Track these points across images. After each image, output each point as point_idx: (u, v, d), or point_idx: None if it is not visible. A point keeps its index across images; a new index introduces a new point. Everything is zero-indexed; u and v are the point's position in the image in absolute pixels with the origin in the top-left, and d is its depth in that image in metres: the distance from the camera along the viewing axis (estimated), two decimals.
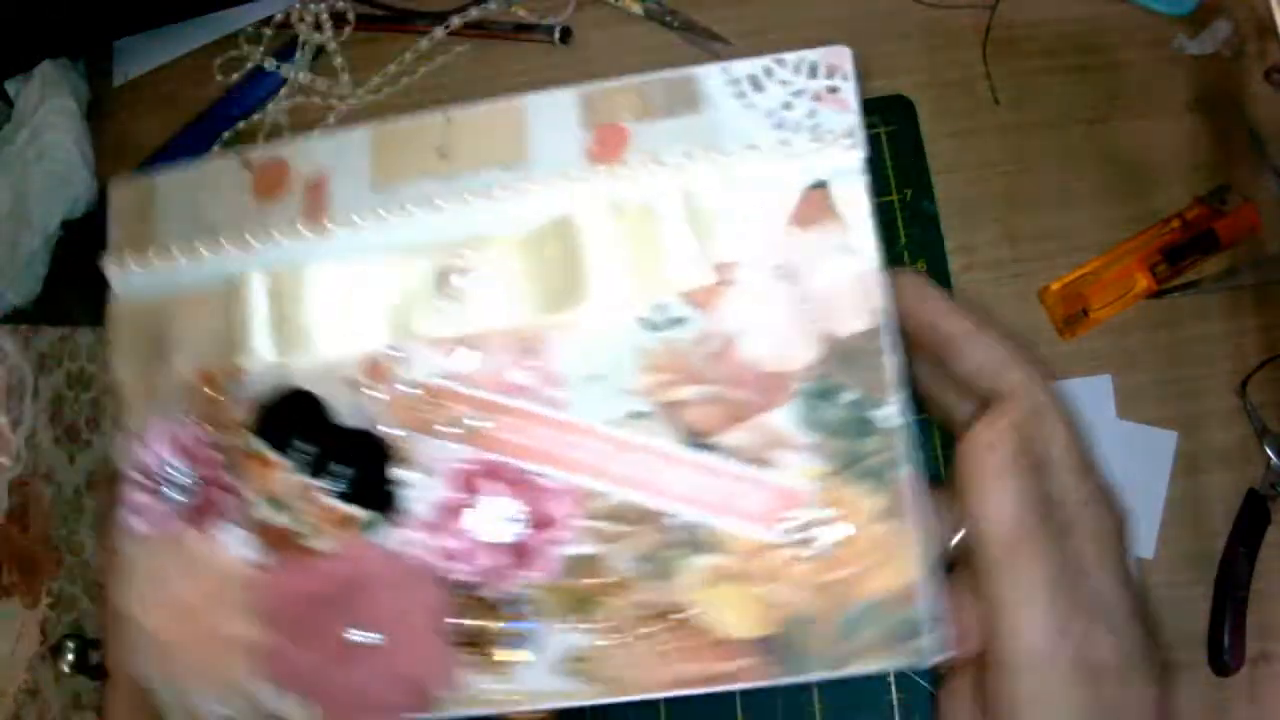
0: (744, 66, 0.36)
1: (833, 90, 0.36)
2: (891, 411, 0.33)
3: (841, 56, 0.36)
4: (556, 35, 0.57)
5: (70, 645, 0.46)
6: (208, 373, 0.38)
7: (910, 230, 0.50)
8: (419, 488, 0.36)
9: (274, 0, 0.61)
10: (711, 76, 0.36)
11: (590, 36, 0.57)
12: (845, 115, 0.35)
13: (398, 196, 0.38)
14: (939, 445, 0.49)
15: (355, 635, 0.36)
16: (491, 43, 0.58)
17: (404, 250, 0.38)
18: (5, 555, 0.45)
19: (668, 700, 0.51)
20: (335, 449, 0.38)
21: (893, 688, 0.48)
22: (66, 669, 0.46)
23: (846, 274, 0.34)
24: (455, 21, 0.58)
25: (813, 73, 0.36)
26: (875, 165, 0.50)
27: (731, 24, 0.55)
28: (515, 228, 0.37)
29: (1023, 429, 0.30)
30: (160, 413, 0.38)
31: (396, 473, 0.37)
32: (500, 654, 0.36)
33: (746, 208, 0.36)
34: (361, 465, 0.37)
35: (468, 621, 0.35)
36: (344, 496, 0.37)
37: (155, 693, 0.38)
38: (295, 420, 0.38)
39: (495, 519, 0.36)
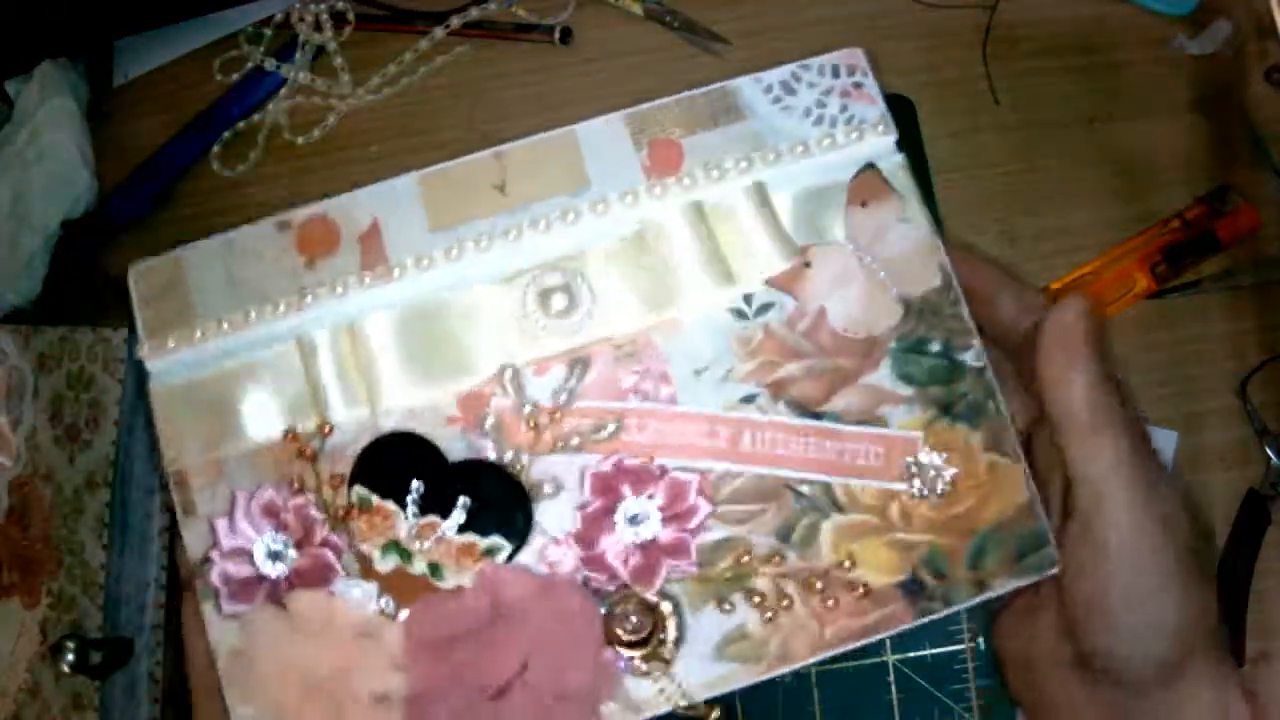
0: (773, 75, 0.39)
1: (857, 86, 0.39)
2: (975, 352, 0.36)
3: (855, 56, 0.39)
4: (556, 35, 0.57)
5: (70, 645, 0.46)
6: (293, 435, 0.38)
7: None
8: (547, 504, 0.37)
9: (274, 0, 0.61)
10: (746, 86, 0.39)
11: (590, 36, 0.57)
12: (874, 106, 0.39)
13: (461, 233, 0.39)
14: None
15: (508, 665, 0.36)
16: (491, 43, 0.58)
17: (490, 279, 0.39)
18: (5, 555, 0.45)
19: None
20: (449, 482, 0.37)
21: (893, 687, 0.48)
22: (66, 669, 0.46)
23: (909, 240, 0.38)
24: (455, 21, 0.58)
25: (835, 73, 0.39)
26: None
27: (732, 24, 0.55)
28: (600, 242, 0.39)
29: (1092, 314, 0.33)
30: (238, 489, 0.38)
31: (523, 493, 0.37)
32: (659, 653, 0.36)
33: (809, 195, 0.39)
34: (481, 493, 0.37)
35: (635, 623, 0.35)
36: (468, 528, 0.37)
37: None
38: (402, 463, 0.37)
39: (631, 520, 0.37)
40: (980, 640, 0.47)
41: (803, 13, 0.55)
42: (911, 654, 0.47)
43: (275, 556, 0.37)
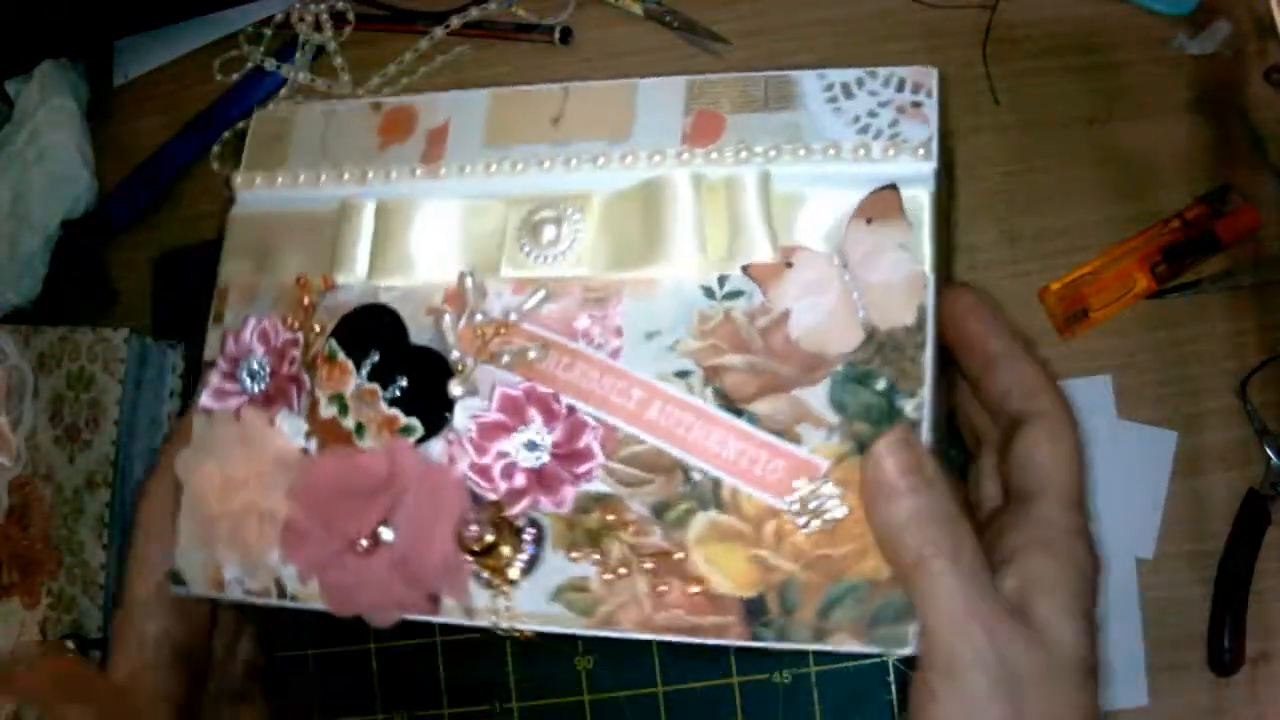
0: (840, 75, 0.39)
1: (916, 105, 0.38)
2: (917, 404, 0.35)
3: (928, 76, 0.39)
4: (556, 35, 0.57)
5: (70, 645, 0.46)
6: (305, 280, 0.42)
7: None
8: (468, 407, 0.39)
9: (274, 0, 0.61)
10: (809, 80, 0.39)
11: (590, 36, 0.57)
12: (924, 128, 0.37)
13: (508, 153, 0.41)
14: None
15: (380, 531, 0.39)
16: (491, 43, 0.58)
17: (503, 199, 0.41)
18: (5, 555, 0.45)
19: (667, 700, 0.51)
20: (400, 361, 0.41)
21: (892, 687, 0.48)
22: None
23: (900, 271, 0.36)
24: (455, 21, 0.58)
25: (900, 87, 0.39)
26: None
27: (732, 24, 0.55)
28: (608, 190, 0.40)
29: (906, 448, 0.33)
30: (255, 312, 0.42)
31: (450, 390, 0.39)
32: (505, 572, 0.37)
33: (820, 199, 0.38)
34: (419, 378, 0.40)
35: (475, 532, 0.37)
36: (397, 403, 0.40)
37: (184, 553, 0.41)
38: (373, 332, 0.41)
39: (527, 444, 0.38)
40: None
41: (803, 13, 0.55)
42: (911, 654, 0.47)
43: (252, 375, 0.42)
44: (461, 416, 0.39)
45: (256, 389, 0.42)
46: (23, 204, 0.58)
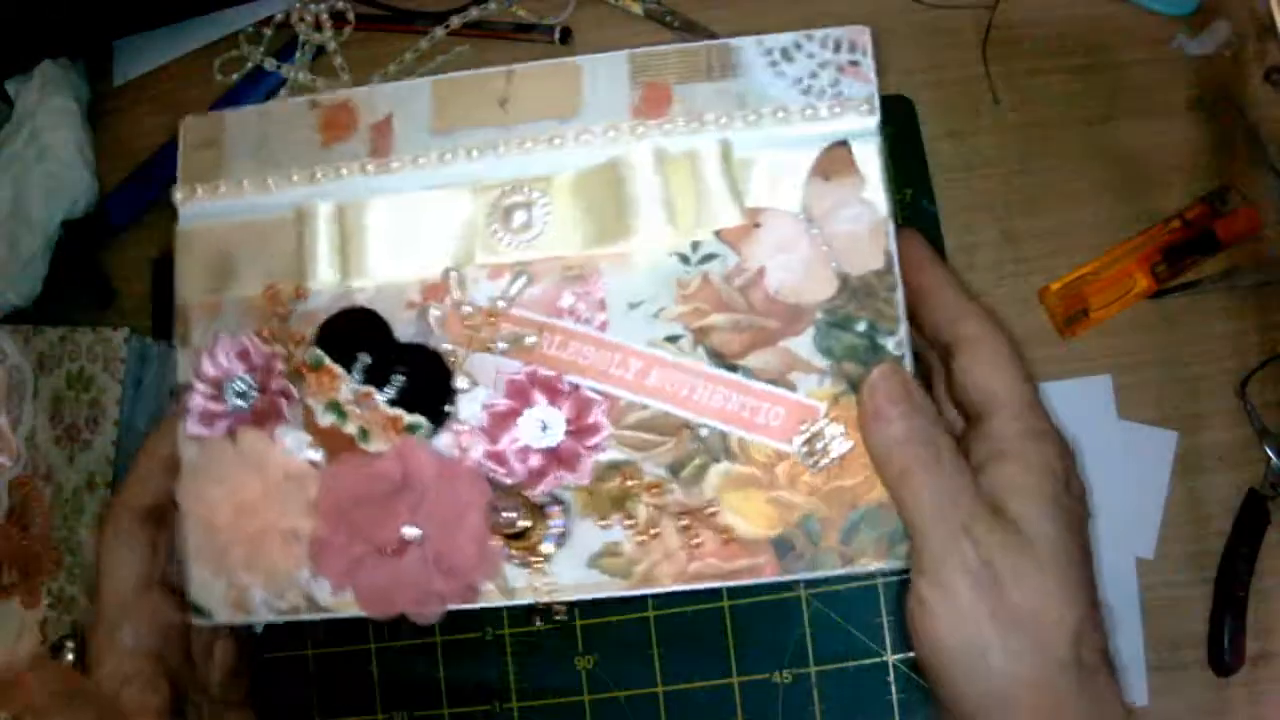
0: (778, 40, 0.41)
1: (854, 63, 0.41)
2: (898, 340, 0.37)
3: (862, 34, 0.41)
4: (556, 35, 0.57)
5: (70, 645, 0.46)
6: (274, 291, 0.42)
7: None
8: (470, 396, 0.40)
9: (274, 0, 0.61)
10: (748, 47, 0.41)
11: (590, 36, 0.57)
12: (865, 85, 0.40)
13: (458, 140, 0.42)
14: None
15: (405, 531, 0.39)
16: (491, 43, 0.58)
17: (468, 186, 0.42)
18: (5, 555, 0.45)
19: (667, 700, 0.51)
20: (392, 360, 0.41)
21: (892, 687, 0.48)
22: None
23: (862, 220, 0.39)
24: (455, 21, 0.58)
25: (837, 48, 0.41)
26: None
27: (731, 24, 0.55)
28: (571, 170, 0.41)
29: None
30: (225, 329, 0.42)
31: (449, 382, 0.40)
32: (538, 549, 0.39)
33: (776, 161, 0.40)
34: (415, 374, 0.41)
35: (510, 518, 0.38)
36: (398, 403, 0.40)
37: (200, 584, 0.41)
38: (357, 334, 0.41)
39: (539, 426, 0.39)
40: None
41: (802, 13, 0.55)
42: (912, 654, 0.47)
43: (240, 395, 0.41)
44: (467, 407, 0.40)
45: (247, 408, 0.41)
46: (23, 204, 0.58)
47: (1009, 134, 0.52)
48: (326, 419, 0.41)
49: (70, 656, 0.46)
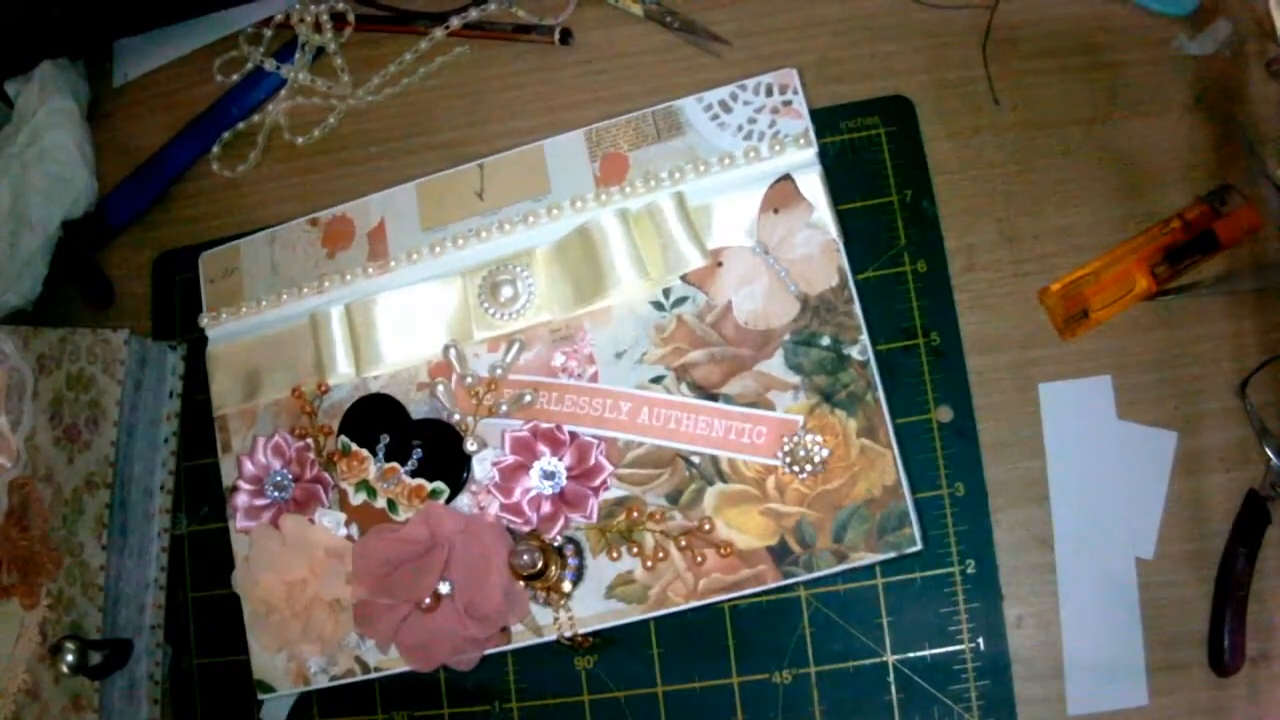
0: (715, 95, 0.46)
1: (787, 103, 0.45)
2: (860, 347, 0.42)
3: (790, 76, 0.45)
4: (556, 35, 0.57)
5: (70, 646, 0.46)
6: (300, 391, 0.48)
7: (910, 230, 0.50)
8: (481, 457, 0.45)
9: (274, 0, 0.61)
10: (689, 105, 0.46)
11: (590, 36, 0.57)
12: (799, 121, 0.45)
13: (445, 233, 0.47)
14: None
15: (440, 587, 0.44)
16: (491, 43, 0.58)
17: (459, 272, 0.47)
18: (5, 556, 0.45)
19: (667, 700, 0.51)
20: (410, 435, 0.46)
21: (892, 687, 0.48)
22: (66, 669, 0.46)
23: (814, 244, 0.43)
24: (455, 22, 0.58)
25: (769, 92, 0.45)
26: (875, 165, 0.52)
27: (731, 24, 0.55)
28: (547, 242, 0.46)
29: None
30: (261, 432, 0.48)
31: (462, 448, 0.45)
32: (559, 588, 0.43)
33: (729, 203, 0.44)
34: (431, 445, 0.46)
35: (530, 559, 0.41)
36: (419, 473, 0.45)
37: (262, 662, 0.47)
38: (376, 417, 0.47)
39: (545, 475, 0.44)
40: (980, 640, 0.47)
41: (802, 13, 0.55)
42: (911, 654, 0.47)
43: (279, 487, 0.47)
44: (480, 468, 0.45)
45: (286, 498, 0.47)
46: (23, 204, 0.58)
47: (1009, 134, 0.52)
48: (359, 498, 0.46)
49: (70, 657, 0.46)
